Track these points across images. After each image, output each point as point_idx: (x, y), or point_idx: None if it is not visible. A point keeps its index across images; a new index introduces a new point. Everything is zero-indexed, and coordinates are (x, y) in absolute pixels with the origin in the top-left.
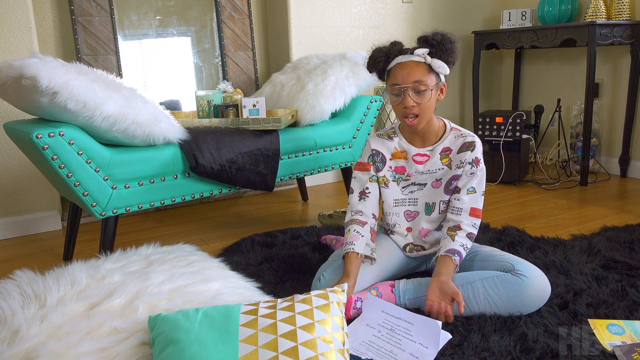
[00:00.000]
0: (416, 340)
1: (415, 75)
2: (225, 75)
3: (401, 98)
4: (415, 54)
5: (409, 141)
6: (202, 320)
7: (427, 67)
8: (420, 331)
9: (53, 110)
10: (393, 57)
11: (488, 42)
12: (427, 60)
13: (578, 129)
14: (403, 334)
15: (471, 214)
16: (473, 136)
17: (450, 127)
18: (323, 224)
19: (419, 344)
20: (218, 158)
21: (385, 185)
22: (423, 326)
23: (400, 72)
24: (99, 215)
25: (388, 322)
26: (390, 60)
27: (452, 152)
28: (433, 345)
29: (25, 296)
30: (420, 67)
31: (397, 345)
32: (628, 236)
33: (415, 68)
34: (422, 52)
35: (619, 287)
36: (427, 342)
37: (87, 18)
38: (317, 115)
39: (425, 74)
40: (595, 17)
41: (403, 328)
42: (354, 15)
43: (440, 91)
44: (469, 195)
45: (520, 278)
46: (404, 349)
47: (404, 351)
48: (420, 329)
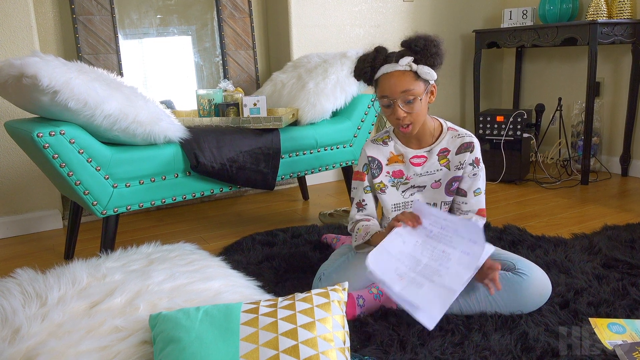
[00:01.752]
0: (464, 237)
1: (402, 85)
2: (226, 74)
3: (392, 109)
4: (400, 64)
5: (404, 144)
6: (202, 319)
7: (413, 75)
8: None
9: (54, 109)
10: (379, 66)
11: (489, 40)
12: (412, 68)
13: (579, 127)
14: (452, 232)
15: (477, 214)
16: (471, 136)
17: (446, 127)
18: (324, 223)
19: (468, 241)
20: (219, 157)
21: (382, 192)
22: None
23: (387, 83)
24: (100, 214)
25: (437, 222)
26: (376, 70)
27: (450, 153)
28: (480, 241)
29: (26, 295)
30: (406, 76)
31: (449, 244)
32: (629, 235)
33: (401, 78)
34: (407, 62)
35: (619, 286)
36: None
37: (87, 17)
38: (318, 114)
39: (412, 82)
40: (597, 15)
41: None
42: (355, 14)
43: (431, 93)
44: (476, 197)
45: (521, 277)
46: (455, 247)
47: (455, 249)
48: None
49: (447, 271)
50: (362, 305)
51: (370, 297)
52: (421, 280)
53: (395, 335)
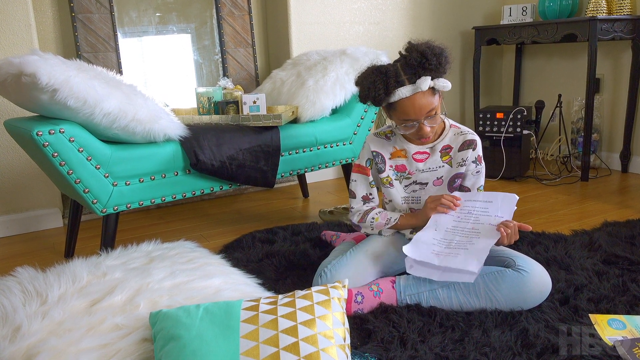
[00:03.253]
0: (492, 214)
1: (427, 107)
2: (225, 72)
3: (415, 128)
4: (420, 84)
5: (407, 140)
6: (203, 317)
7: (432, 91)
8: (497, 205)
9: (53, 108)
10: (392, 89)
11: (488, 37)
12: (431, 86)
13: (579, 124)
14: (480, 212)
15: None
16: (473, 134)
17: (449, 124)
18: (324, 220)
19: (494, 216)
20: (218, 155)
21: (390, 185)
22: (502, 201)
23: (412, 108)
24: (100, 212)
25: (465, 207)
26: (390, 93)
27: (452, 150)
28: (508, 215)
29: (27, 293)
30: (427, 96)
31: (476, 222)
32: (629, 231)
33: (424, 99)
34: (428, 84)
35: (619, 282)
36: (502, 212)
37: (86, 15)
38: (318, 111)
39: (432, 99)
40: (596, 12)
41: (480, 208)
42: (354, 12)
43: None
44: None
45: (521, 273)
46: (482, 222)
47: (483, 224)
48: (498, 204)
49: (478, 240)
50: (360, 302)
51: (370, 295)
52: (456, 252)
53: (396, 332)
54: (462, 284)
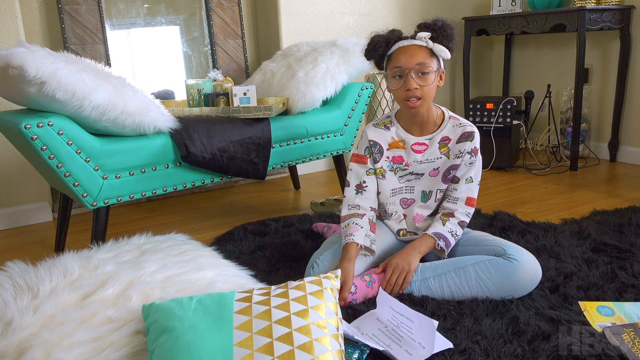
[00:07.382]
0: (416, 339)
1: (418, 57)
2: (215, 64)
3: (404, 80)
4: (417, 38)
5: (406, 130)
6: (196, 308)
7: (429, 51)
8: (419, 329)
9: (41, 100)
10: (393, 42)
11: (478, 28)
12: (429, 45)
13: (568, 114)
14: (406, 331)
15: (466, 203)
16: (472, 126)
17: (448, 115)
18: (315, 212)
19: (417, 343)
20: (209, 147)
21: (382, 177)
22: (421, 325)
23: (403, 56)
24: (90, 205)
25: (395, 319)
26: (390, 45)
27: (451, 142)
28: (429, 346)
29: (18, 287)
30: (422, 51)
31: (397, 341)
32: (617, 220)
33: (417, 51)
34: (425, 36)
35: (608, 269)
36: (424, 342)
37: (73, 7)
38: (308, 103)
39: (427, 57)
40: (585, 2)
41: (406, 325)
42: (344, 2)
43: (440, 77)
44: (466, 185)
45: (512, 262)
46: (401, 345)
47: (401, 347)
48: (420, 328)
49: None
50: (354, 292)
51: (363, 285)
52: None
53: None
54: (454, 273)
